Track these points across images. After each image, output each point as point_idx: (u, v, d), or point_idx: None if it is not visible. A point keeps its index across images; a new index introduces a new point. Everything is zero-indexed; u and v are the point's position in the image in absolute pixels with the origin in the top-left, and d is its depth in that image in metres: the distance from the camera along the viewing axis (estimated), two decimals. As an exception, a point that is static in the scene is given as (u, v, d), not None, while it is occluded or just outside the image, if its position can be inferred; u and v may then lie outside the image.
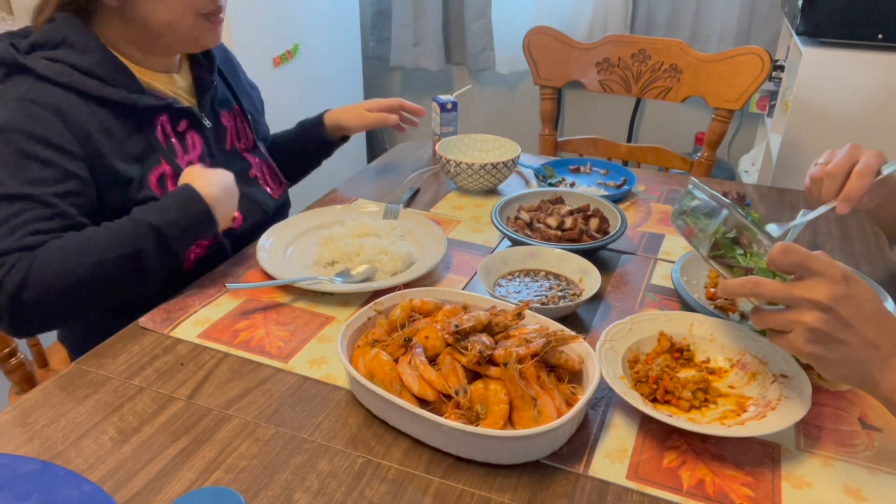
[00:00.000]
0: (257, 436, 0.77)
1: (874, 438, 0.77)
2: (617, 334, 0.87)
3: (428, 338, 0.81)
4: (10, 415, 0.80)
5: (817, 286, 0.64)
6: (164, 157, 1.09)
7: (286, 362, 0.89)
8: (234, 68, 1.33)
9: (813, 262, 0.65)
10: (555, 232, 1.15)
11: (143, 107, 1.06)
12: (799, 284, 0.65)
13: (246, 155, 1.26)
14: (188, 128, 1.14)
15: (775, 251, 0.65)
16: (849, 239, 1.22)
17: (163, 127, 1.10)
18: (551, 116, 1.95)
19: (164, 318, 0.98)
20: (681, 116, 2.79)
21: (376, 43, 3.16)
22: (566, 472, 0.73)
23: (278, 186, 1.31)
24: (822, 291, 0.64)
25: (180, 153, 1.12)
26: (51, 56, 1.01)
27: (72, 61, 1.01)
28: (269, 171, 1.30)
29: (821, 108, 1.88)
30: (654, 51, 1.79)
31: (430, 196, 1.41)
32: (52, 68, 0.99)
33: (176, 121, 1.12)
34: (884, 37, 1.79)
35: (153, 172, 1.07)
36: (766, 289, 0.66)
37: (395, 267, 1.08)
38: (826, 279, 0.64)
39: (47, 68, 0.99)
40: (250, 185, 1.24)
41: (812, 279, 0.65)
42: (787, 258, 0.65)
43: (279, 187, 1.31)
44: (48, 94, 0.98)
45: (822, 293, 0.64)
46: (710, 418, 0.78)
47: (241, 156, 1.26)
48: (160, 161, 1.08)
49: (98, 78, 1.02)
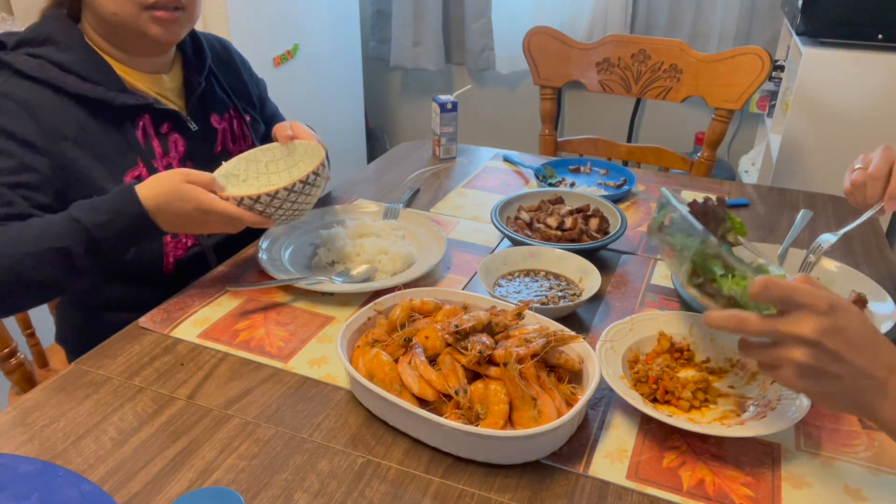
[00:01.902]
0: (257, 436, 0.77)
1: (874, 438, 0.77)
2: (617, 334, 0.87)
3: (428, 338, 0.81)
4: (10, 415, 0.80)
5: (802, 321, 0.61)
6: (142, 158, 1.08)
7: (286, 362, 0.89)
8: (236, 68, 1.32)
9: (796, 295, 0.61)
10: (555, 232, 1.15)
11: (120, 105, 1.05)
12: (783, 320, 0.62)
13: None
14: (171, 130, 1.13)
15: (756, 287, 0.62)
16: (849, 239, 1.22)
17: (144, 128, 1.10)
18: (551, 116, 1.95)
19: (164, 318, 0.98)
20: (681, 116, 2.79)
21: (376, 43, 3.16)
22: (566, 472, 0.73)
23: None
24: (808, 326, 0.61)
25: (160, 155, 1.11)
26: (33, 52, 1.02)
27: (53, 58, 1.02)
28: None
29: (821, 108, 1.88)
30: (654, 51, 1.79)
31: (430, 196, 1.41)
32: (29, 64, 1.01)
33: (159, 122, 1.11)
34: (884, 37, 1.79)
35: (129, 173, 1.07)
36: (751, 327, 0.64)
37: (395, 267, 1.08)
38: (811, 312, 0.61)
39: (25, 63, 1.01)
40: None
41: (797, 313, 0.62)
42: (768, 294, 0.62)
43: None
44: (22, 89, 1.00)
45: (808, 328, 0.60)
46: (710, 418, 0.78)
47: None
48: (137, 162, 1.08)
49: (77, 75, 1.03)
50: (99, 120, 1.04)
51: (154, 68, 1.13)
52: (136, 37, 1.05)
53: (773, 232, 1.25)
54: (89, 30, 1.07)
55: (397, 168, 1.55)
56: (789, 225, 1.10)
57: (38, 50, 1.02)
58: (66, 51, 1.03)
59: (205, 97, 1.20)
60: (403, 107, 3.31)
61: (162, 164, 1.11)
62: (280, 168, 1.16)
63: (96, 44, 1.07)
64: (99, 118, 1.04)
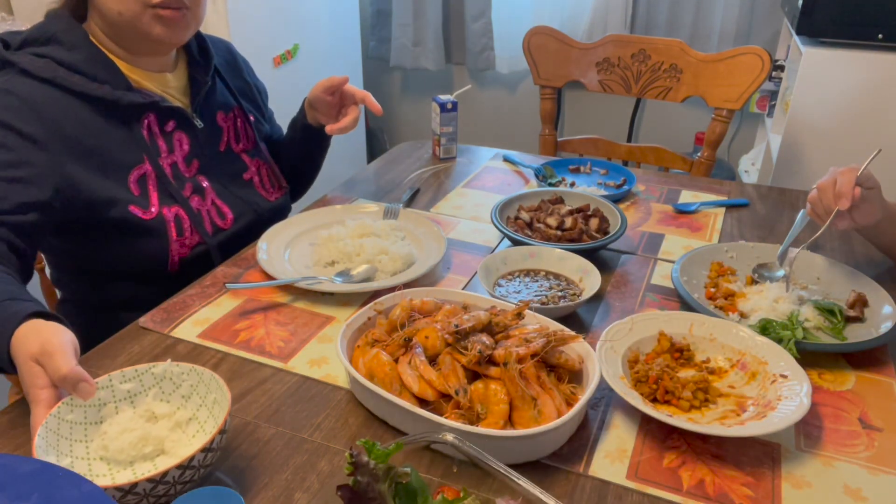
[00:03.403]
0: (257, 436, 0.77)
1: (874, 438, 0.77)
2: (617, 334, 0.87)
3: (428, 338, 0.81)
4: (10, 415, 0.80)
5: None
6: (147, 156, 1.08)
7: (286, 362, 0.89)
8: (239, 69, 1.32)
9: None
10: (555, 232, 1.15)
11: (127, 104, 1.05)
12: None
13: (244, 156, 1.26)
14: (176, 127, 1.14)
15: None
16: (849, 239, 1.22)
17: (149, 125, 1.10)
18: (551, 116, 1.95)
19: (164, 318, 0.98)
20: (681, 116, 2.79)
21: (376, 43, 3.16)
22: (566, 472, 0.73)
23: (276, 190, 1.30)
24: None
25: (165, 152, 1.11)
26: (39, 52, 1.02)
27: (58, 57, 1.02)
28: (269, 173, 1.30)
29: (821, 107, 1.88)
30: (654, 51, 1.79)
31: (430, 196, 1.41)
32: (35, 63, 1.01)
33: (164, 120, 1.12)
34: (884, 37, 1.79)
35: (134, 171, 1.07)
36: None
37: (395, 267, 1.08)
38: None
39: (31, 63, 1.01)
40: (244, 188, 1.24)
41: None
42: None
43: (277, 191, 1.30)
44: (26, 87, 1.00)
45: None
46: (710, 418, 0.78)
47: (239, 157, 1.25)
48: (143, 159, 1.08)
49: (83, 74, 1.03)
50: (104, 118, 1.04)
51: (159, 67, 1.14)
52: (141, 37, 1.05)
53: (773, 232, 1.25)
54: (95, 29, 1.07)
55: (397, 168, 1.55)
56: (789, 225, 1.10)
57: (43, 49, 1.03)
58: (71, 50, 1.03)
59: (210, 95, 1.20)
60: (403, 107, 3.31)
61: (167, 162, 1.11)
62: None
63: (102, 43, 1.07)
64: (103, 116, 1.04)
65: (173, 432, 0.74)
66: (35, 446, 0.65)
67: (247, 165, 1.26)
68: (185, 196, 1.12)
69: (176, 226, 1.09)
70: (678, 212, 1.33)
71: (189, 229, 1.11)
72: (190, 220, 1.11)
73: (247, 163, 1.26)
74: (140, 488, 0.61)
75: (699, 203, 1.36)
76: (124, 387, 0.75)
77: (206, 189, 1.16)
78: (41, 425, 0.68)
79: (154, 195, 1.09)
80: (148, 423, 0.74)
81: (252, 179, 1.26)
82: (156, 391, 0.76)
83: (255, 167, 1.27)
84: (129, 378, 0.75)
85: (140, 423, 0.73)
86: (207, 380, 0.75)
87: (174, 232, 1.09)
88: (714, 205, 1.36)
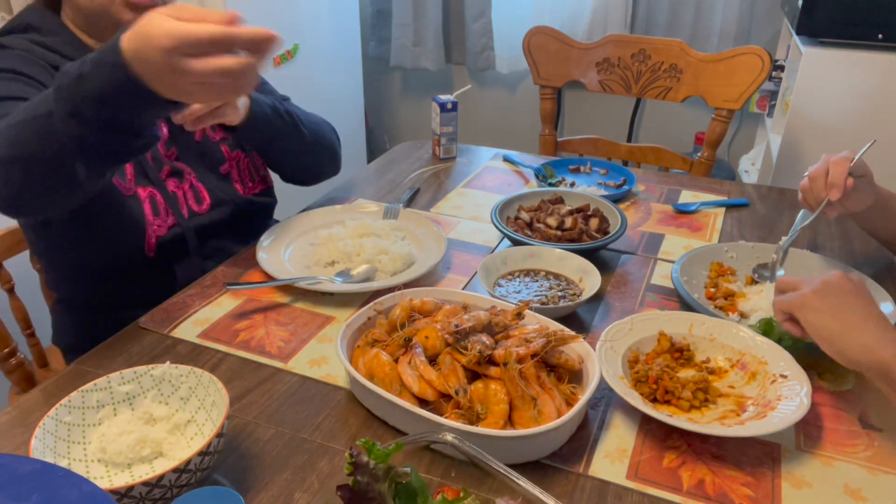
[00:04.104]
0: (257, 436, 0.77)
1: (874, 438, 0.77)
2: (617, 334, 0.87)
3: (428, 338, 0.81)
4: (10, 415, 0.80)
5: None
6: None
7: (286, 362, 0.89)
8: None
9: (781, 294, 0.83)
10: (555, 232, 1.15)
11: None
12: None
13: (223, 147, 1.23)
14: None
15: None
16: (849, 239, 1.22)
17: None
18: (551, 116, 1.95)
19: (163, 318, 0.98)
20: (681, 116, 2.79)
21: (376, 43, 3.16)
22: (566, 472, 0.73)
23: (255, 184, 1.27)
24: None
25: None
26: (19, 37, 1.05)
27: (37, 41, 1.05)
28: (249, 166, 1.26)
29: (821, 107, 1.88)
30: (654, 51, 1.79)
31: (430, 196, 1.41)
32: (16, 41, 1.04)
33: None
34: (884, 37, 1.79)
35: None
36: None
37: (395, 267, 1.08)
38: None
39: (12, 41, 1.04)
40: (221, 181, 1.22)
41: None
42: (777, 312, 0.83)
43: (256, 185, 1.27)
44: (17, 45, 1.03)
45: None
46: (710, 418, 0.78)
47: (218, 147, 1.22)
48: None
49: (61, 55, 1.04)
50: None
51: None
52: (112, 24, 1.06)
53: (773, 232, 1.25)
54: (68, 21, 1.09)
55: (397, 168, 1.55)
56: (789, 225, 1.10)
57: (22, 35, 1.05)
58: (48, 35, 1.06)
59: None
60: (403, 107, 3.31)
61: None
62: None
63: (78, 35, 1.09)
64: None
65: (171, 435, 0.74)
66: (32, 448, 0.65)
67: (224, 158, 1.23)
68: (162, 178, 1.13)
69: (151, 206, 1.09)
70: (678, 212, 1.33)
71: (164, 210, 1.11)
72: (165, 202, 1.11)
73: (225, 154, 1.23)
74: (136, 491, 0.61)
75: (699, 203, 1.36)
76: (123, 389, 0.75)
77: (185, 172, 1.16)
78: None
79: (130, 172, 1.09)
80: (146, 425, 0.74)
81: (229, 173, 1.23)
82: (154, 393, 0.77)
83: (235, 159, 1.24)
84: (127, 380, 0.76)
85: (138, 426, 0.74)
86: (206, 382, 0.75)
87: (150, 212, 1.09)
88: (714, 205, 1.36)
